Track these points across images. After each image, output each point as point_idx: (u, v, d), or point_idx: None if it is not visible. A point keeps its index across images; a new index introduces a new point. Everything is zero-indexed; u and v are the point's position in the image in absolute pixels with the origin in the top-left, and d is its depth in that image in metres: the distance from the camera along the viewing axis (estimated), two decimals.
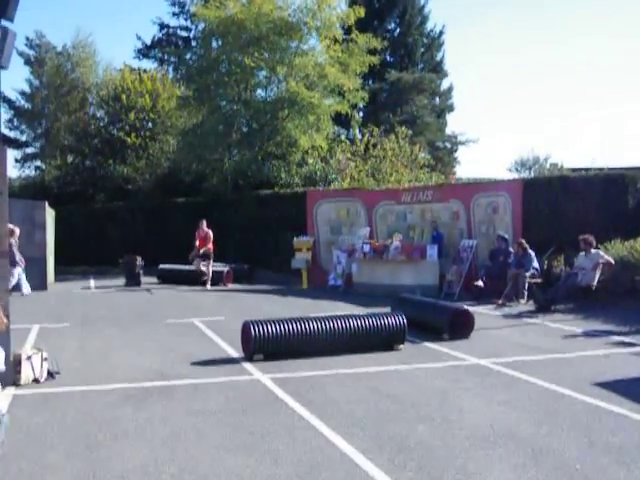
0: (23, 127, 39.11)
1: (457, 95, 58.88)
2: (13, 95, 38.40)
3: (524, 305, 15.37)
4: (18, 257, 17.93)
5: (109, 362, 9.67)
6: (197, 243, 20.72)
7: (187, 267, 21.79)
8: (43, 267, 20.04)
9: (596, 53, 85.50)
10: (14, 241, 17.57)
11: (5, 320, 5.50)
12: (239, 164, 27.65)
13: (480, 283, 16.67)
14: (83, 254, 28.13)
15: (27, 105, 38.63)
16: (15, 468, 5.50)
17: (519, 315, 14.13)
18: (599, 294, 14.56)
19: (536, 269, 16.05)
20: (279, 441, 6.12)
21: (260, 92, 28.68)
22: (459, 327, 11.34)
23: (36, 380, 8.38)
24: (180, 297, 18.29)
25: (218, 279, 20.90)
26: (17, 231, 17.79)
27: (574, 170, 23.61)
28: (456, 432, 6.37)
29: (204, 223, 20.91)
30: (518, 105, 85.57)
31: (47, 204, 21.43)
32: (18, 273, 18.04)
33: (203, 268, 20.59)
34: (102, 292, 19.87)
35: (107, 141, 34.53)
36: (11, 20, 7.67)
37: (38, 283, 19.48)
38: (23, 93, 38.52)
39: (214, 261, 21.03)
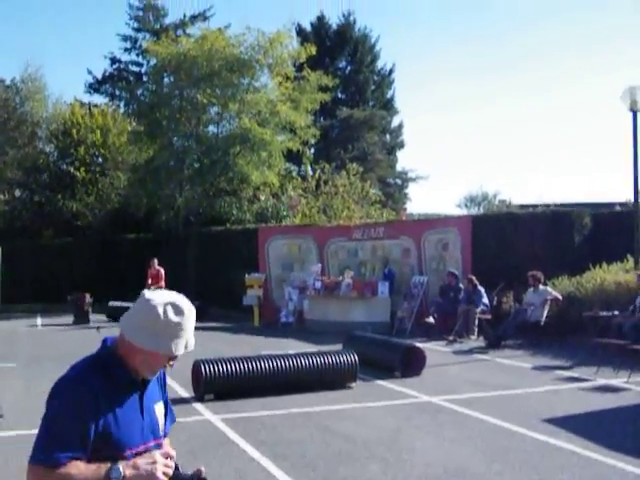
0: None
1: (407, 132, 59.51)
2: None
3: (474, 341, 15.50)
4: None
5: None
6: (149, 281, 20.55)
7: None
8: None
9: (545, 87, 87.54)
10: None
11: None
12: (190, 200, 27.48)
13: (431, 319, 16.78)
14: (30, 291, 27.56)
15: None
16: None
17: (470, 351, 14.23)
18: (547, 329, 14.75)
19: (486, 305, 16.20)
20: None
21: (212, 128, 28.60)
22: (411, 364, 11.36)
23: None
24: None
25: None
26: None
27: (522, 207, 23.98)
28: (408, 471, 6.36)
29: (155, 261, 20.99)
30: (468, 142, 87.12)
31: None
32: None
33: None
34: (50, 330, 19.49)
35: (56, 176, 34.08)
36: None
37: None
38: None
39: None
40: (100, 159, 34.13)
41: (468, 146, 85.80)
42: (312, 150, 35.69)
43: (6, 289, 23.72)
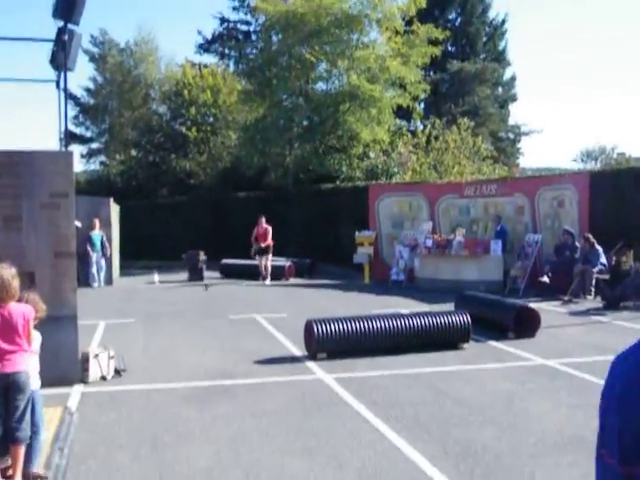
0: (88, 123, 39.74)
1: (520, 85, 57.86)
2: (79, 92, 39.09)
3: (591, 302, 15.06)
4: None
5: (173, 360, 9.80)
6: (257, 238, 20.99)
7: (250, 262, 21.95)
8: (109, 263, 20.44)
9: None
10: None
11: (44, 307, 5.65)
12: (300, 158, 27.69)
13: (545, 279, 16.38)
14: (146, 248, 28.54)
15: (92, 101, 39.26)
16: (85, 467, 5.62)
17: (586, 312, 13.85)
18: None
19: (603, 264, 15.67)
20: (343, 445, 6.11)
21: (321, 85, 28.64)
22: (524, 325, 11.15)
23: (103, 378, 8.55)
24: (243, 292, 18.44)
25: (279, 273, 21.01)
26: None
27: None
28: (523, 437, 6.27)
29: (263, 219, 21.10)
30: (583, 94, 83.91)
31: (112, 200, 21.80)
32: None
33: (267, 263, 20.87)
34: (166, 287, 20.15)
35: (169, 136, 34.93)
36: (77, 24, 7.82)
37: (104, 278, 20.03)
38: (88, 90, 39.12)
39: (274, 255, 21.22)
40: (211, 119, 34.72)
41: (584, 98, 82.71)
42: (422, 105, 35.24)
43: (125, 247, 24.62)
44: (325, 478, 5.36)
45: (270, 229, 21.01)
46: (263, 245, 20.81)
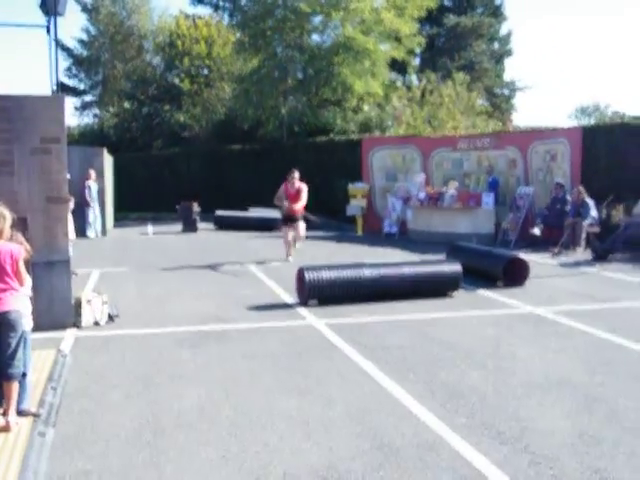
0: (81, 75, 39.30)
1: (516, 40, 57.35)
2: (72, 44, 38.57)
3: (581, 254, 15.16)
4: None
5: (166, 306, 9.88)
6: (287, 203, 14.41)
7: (244, 214, 21.99)
8: (103, 213, 20.42)
9: None
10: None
11: (29, 247, 5.65)
12: (295, 110, 27.56)
13: (536, 231, 16.45)
14: (140, 200, 28.53)
15: (85, 53, 38.78)
16: (78, 407, 5.70)
17: (576, 264, 13.95)
18: None
19: (594, 218, 15.75)
20: (332, 385, 6.21)
21: (315, 37, 28.32)
22: (514, 275, 11.27)
23: (96, 323, 8.62)
24: (236, 243, 18.47)
25: (274, 225, 21.03)
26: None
27: (636, 118, 22.94)
28: (509, 379, 6.38)
29: (296, 174, 14.63)
30: (579, 51, 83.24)
31: (105, 151, 21.71)
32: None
33: (298, 235, 14.59)
34: (160, 237, 20.18)
35: (163, 88, 34.68)
36: None
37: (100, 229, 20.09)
38: (81, 41, 38.57)
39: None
40: (205, 70, 34.44)
41: (580, 54, 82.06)
42: (417, 59, 34.98)
43: (119, 199, 24.60)
44: (313, 415, 5.46)
45: (305, 188, 14.46)
46: (295, 207, 14.35)
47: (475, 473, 4.46)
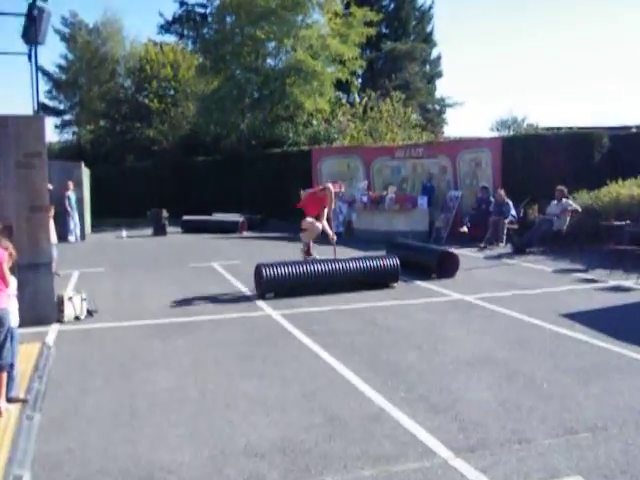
0: (61, 97, 38.66)
1: (445, 62, 57.98)
2: (52, 69, 37.94)
3: (503, 248, 15.40)
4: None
5: (140, 301, 9.78)
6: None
7: (207, 217, 21.87)
8: (81, 220, 20.09)
9: (581, 21, 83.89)
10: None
11: (14, 253, 5.51)
12: (252, 126, 27.53)
13: (465, 229, 16.69)
14: (115, 208, 28.10)
15: (63, 77, 38.17)
16: (62, 392, 5.63)
17: (498, 257, 14.17)
18: (567, 238, 14.55)
19: (514, 216, 16.05)
20: (288, 368, 6.23)
21: (270, 61, 28.31)
22: (446, 268, 11.41)
23: (77, 318, 8.51)
24: (201, 244, 18.34)
25: (234, 228, 20.92)
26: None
27: (548, 129, 23.38)
28: (442, 358, 6.47)
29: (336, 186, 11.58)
30: (500, 72, 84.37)
31: (83, 164, 21.39)
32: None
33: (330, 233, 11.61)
34: (133, 241, 19.94)
35: (134, 107, 34.30)
36: (45, 0, 7.60)
37: (79, 234, 19.73)
38: (60, 67, 37.97)
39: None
40: (172, 91, 34.28)
41: (501, 75, 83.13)
42: (359, 80, 35.11)
43: (96, 206, 24.25)
44: (271, 394, 5.47)
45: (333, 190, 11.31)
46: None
47: (413, 439, 4.53)
